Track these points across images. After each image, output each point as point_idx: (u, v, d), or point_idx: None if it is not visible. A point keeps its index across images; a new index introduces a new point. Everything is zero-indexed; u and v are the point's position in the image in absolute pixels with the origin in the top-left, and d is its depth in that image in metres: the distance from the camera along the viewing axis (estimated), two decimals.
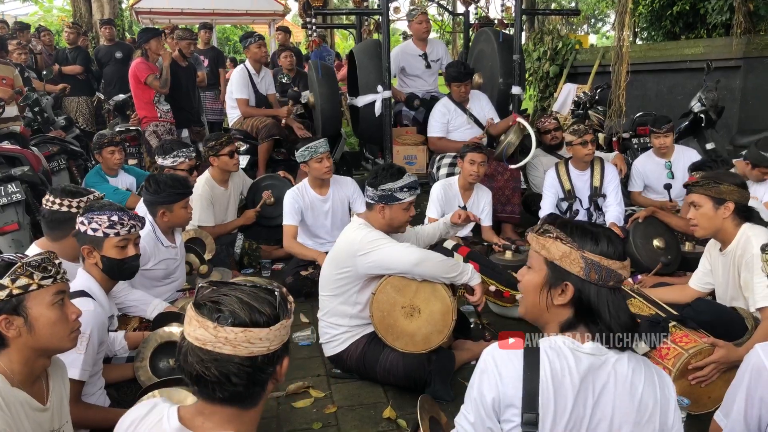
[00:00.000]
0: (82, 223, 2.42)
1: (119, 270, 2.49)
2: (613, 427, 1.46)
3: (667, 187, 4.78)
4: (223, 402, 1.27)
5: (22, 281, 1.64)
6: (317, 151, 4.20)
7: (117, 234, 2.44)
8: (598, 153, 4.88)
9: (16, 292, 1.62)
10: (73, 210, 2.66)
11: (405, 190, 2.95)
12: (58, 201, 2.68)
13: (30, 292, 1.65)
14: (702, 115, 5.56)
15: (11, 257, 1.68)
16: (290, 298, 1.35)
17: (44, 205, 2.72)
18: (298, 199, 4.29)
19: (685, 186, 3.05)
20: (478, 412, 1.49)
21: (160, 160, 4.24)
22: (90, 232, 2.41)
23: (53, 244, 2.67)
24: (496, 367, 1.47)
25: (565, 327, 1.52)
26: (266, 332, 1.24)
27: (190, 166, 4.24)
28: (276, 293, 1.30)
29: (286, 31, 9.34)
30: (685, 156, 4.87)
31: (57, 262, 1.74)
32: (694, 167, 3.43)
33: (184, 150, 4.28)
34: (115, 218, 2.44)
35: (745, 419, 1.71)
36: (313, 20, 5.88)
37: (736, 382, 1.76)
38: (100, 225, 2.41)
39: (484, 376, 1.49)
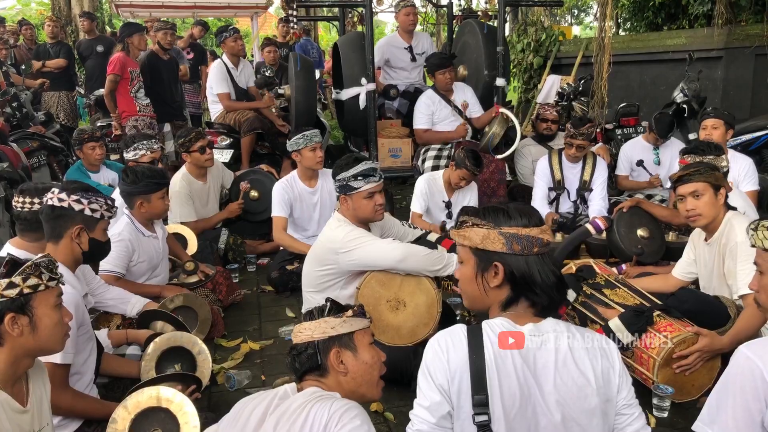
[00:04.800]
0: (78, 201, 2.33)
1: (99, 253, 2.46)
2: (557, 404, 1.48)
3: (656, 162, 4.90)
4: (305, 374, 1.70)
5: (32, 281, 1.64)
6: (312, 140, 4.19)
7: (110, 217, 2.45)
8: None
9: (26, 291, 1.62)
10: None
11: (360, 177, 2.86)
12: (31, 201, 2.53)
13: (38, 292, 1.65)
14: (684, 106, 5.60)
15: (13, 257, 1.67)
16: (345, 309, 1.75)
17: (18, 207, 2.56)
18: (287, 191, 4.27)
19: (672, 179, 3.02)
20: (431, 397, 1.50)
21: (126, 155, 4.23)
22: (88, 212, 2.35)
23: (32, 245, 2.53)
24: (443, 353, 1.51)
25: (507, 304, 1.56)
26: (309, 324, 1.70)
27: (153, 158, 4.18)
28: (330, 303, 1.75)
29: (287, 22, 9.24)
30: (673, 147, 4.92)
31: (57, 265, 1.76)
32: (685, 151, 3.41)
33: (144, 142, 4.22)
34: (110, 202, 2.44)
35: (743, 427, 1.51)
36: (295, 12, 5.83)
37: (722, 390, 1.57)
38: (99, 207, 2.38)
39: (433, 361, 1.51)
